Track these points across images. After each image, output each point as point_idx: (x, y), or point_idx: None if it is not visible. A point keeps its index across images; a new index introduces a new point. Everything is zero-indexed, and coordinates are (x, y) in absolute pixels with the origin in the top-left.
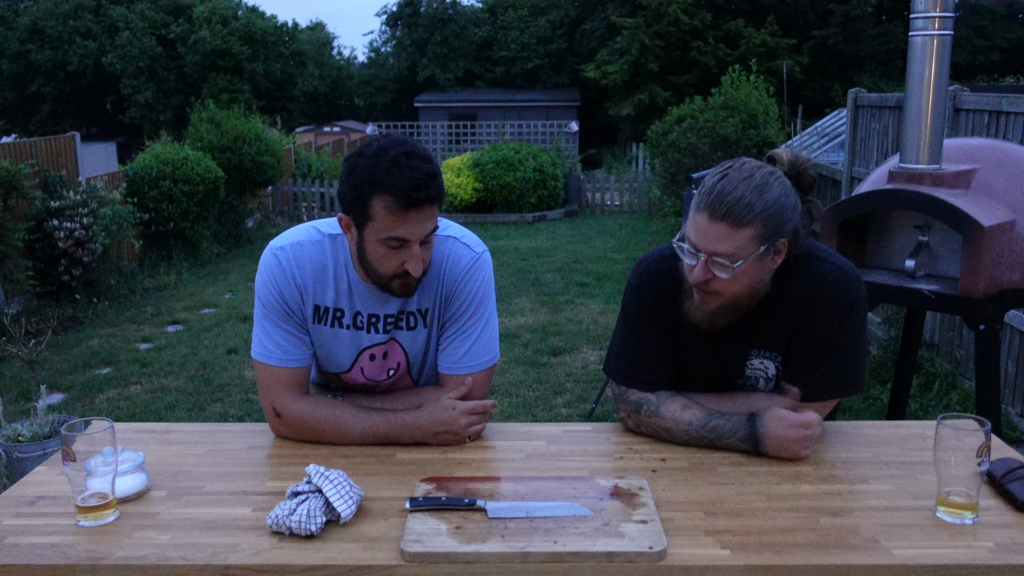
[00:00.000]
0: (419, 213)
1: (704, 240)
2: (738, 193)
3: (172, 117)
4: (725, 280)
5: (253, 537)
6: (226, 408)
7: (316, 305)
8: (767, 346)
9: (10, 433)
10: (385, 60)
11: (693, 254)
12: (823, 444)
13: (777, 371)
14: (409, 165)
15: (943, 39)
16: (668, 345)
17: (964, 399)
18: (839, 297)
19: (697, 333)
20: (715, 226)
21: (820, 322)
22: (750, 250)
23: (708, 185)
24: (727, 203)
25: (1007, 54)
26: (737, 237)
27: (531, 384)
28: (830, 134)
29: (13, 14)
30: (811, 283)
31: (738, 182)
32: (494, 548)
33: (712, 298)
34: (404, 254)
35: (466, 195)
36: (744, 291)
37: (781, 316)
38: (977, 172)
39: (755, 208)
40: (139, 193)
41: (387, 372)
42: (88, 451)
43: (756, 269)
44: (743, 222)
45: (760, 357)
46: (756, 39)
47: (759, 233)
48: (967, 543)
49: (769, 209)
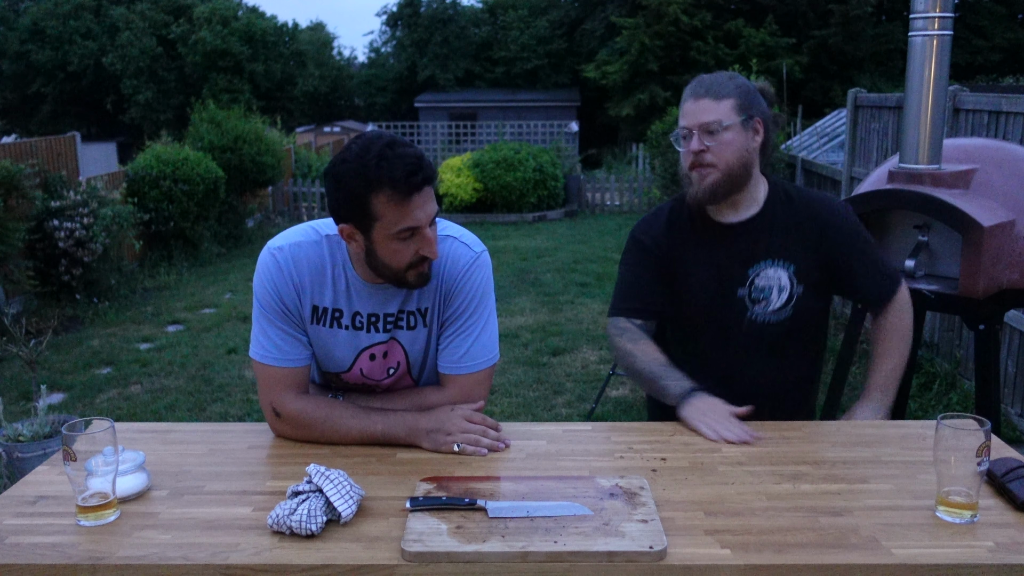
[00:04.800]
0: (421, 196)
1: (693, 117)
2: (713, 78)
3: (172, 117)
4: (717, 147)
5: (253, 537)
6: (226, 408)
7: (314, 306)
8: (778, 255)
9: (10, 433)
10: (385, 60)
11: (686, 135)
12: (823, 444)
13: (791, 280)
14: (396, 154)
15: (943, 39)
16: (656, 276)
17: (964, 399)
18: (849, 215)
19: (698, 255)
20: (699, 103)
21: (844, 232)
22: (732, 117)
23: (689, 85)
24: (706, 84)
25: (1007, 54)
26: (719, 107)
27: (531, 384)
28: (830, 134)
29: (13, 14)
30: (812, 204)
31: (711, 75)
32: (494, 548)
33: (709, 171)
34: (417, 241)
35: (466, 195)
36: (734, 161)
37: (788, 231)
38: (977, 172)
39: (729, 86)
40: (139, 193)
41: (387, 371)
42: (89, 451)
43: (741, 139)
44: (721, 95)
45: (773, 266)
46: (756, 39)
47: (737, 104)
48: (967, 543)
49: (741, 87)
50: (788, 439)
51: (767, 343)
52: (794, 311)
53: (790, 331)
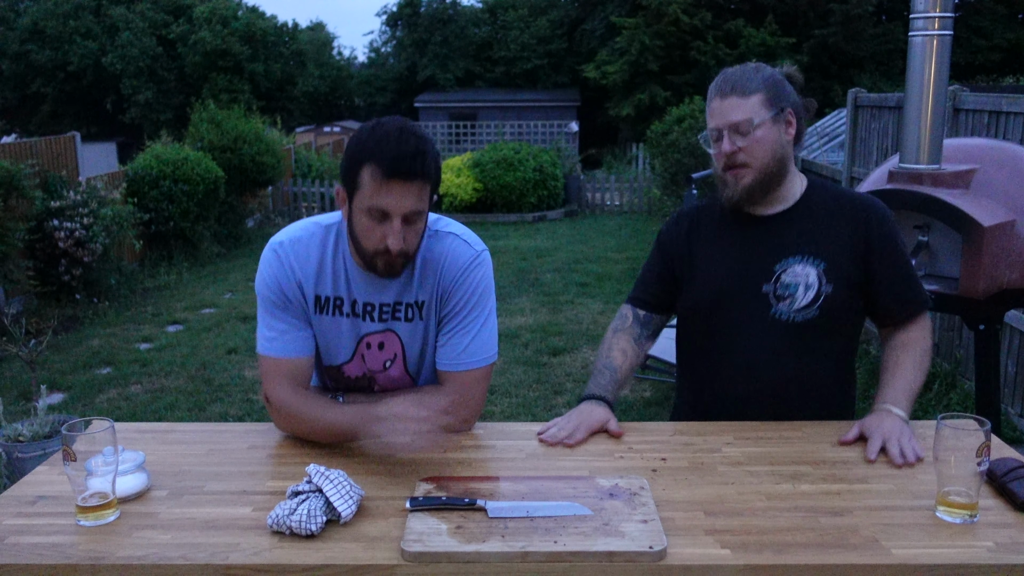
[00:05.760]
0: (401, 186)
1: (722, 117)
2: (738, 73)
3: (172, 117)
4: (749, 147)
5: (253, 537)
6: (226, 408)
7: (317, 295)
8: (809, 252)
9: (10, 433)
10: (385, 60)
11: (716, 136)
12: (823, 444)
13: (819, 278)
14: (399, 139)
15: (943, 39)
16: (663, 272)
17: (964, 399)
18: (890, 219)
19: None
20: (727, 101)
21: (886, 239)
22: (762, 114)
23: (714, 82)
24: (731, 81)
25: (1007, 54)
26: (747, 104)
27: (531, 384)
28: (830, 134)
29: (13, 14)
30: (853, 202)
31: (737, 69)
32: (494, 548)
33: (743, 171)
34: (385, 228)
35: (466, 195)
36: (768, 158)
37: (820, 227)
38: (977, 172)
39: (755, 79)
40: (139, 193)
41: (384, 364)
42: (89, 451)
43: (774, 134)
44: (749, 91)
45: (802, 263)
46: (756, 39)
47: (766, 98)
48: (967, 543)
49: (768, 79)
50: (788, 439)
51: (789, 342)
52: (821, 310)
53: (815, 332)
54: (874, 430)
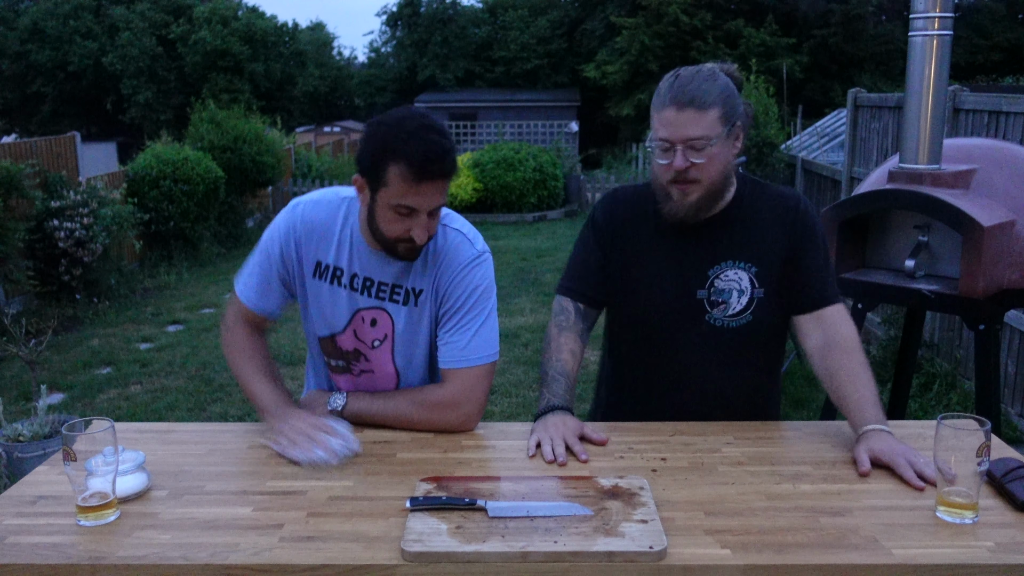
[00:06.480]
0: (431, 185)
1: (677, 130)
2: (696, 83)
3: (172, 117)
4: (702, 165)
5: (253, 537)
6: (226, 408)
7: (318, 261)
8: (741, 257)
9: (10, 433)
10: (385, 60)
11: (667, 149)
12: (823, 444)
13: (751, 282)
14: (427, 138)
15: (943, 39)
16: (601, 262)
17: (964, 399)
18: (813, 212)
19: (657, 251)
20: (684, 114)
21: (809, 239)
22: (718, 130)
23: (665, 86)
24: (689, 92)
25: (1007, 54)
26: (705, 119)
27: (531, 384)
28: (830, 134)
29: (13, 14)
30: (779, 202)
31: (692, 75)
32: (494, 548)
33: (692, 187)
34: (411, 221)
35: (466, 195)
36: (718, 175)
37: (751, 230)
38: (977, 172)
39: (713, 92)
40: (139, 193)
41: (372, 342)
42: (89, 451)
43: (725, 151)
44: (707, 105)
45: (734, 268)
46: (756, 39)
47: (722, 114)
48: (967, 543)
49: (724, 92)
50: (788, 439)
51: (723, 349)
52: (753, 316)
53: (748, 338)
54: (895, 456)
